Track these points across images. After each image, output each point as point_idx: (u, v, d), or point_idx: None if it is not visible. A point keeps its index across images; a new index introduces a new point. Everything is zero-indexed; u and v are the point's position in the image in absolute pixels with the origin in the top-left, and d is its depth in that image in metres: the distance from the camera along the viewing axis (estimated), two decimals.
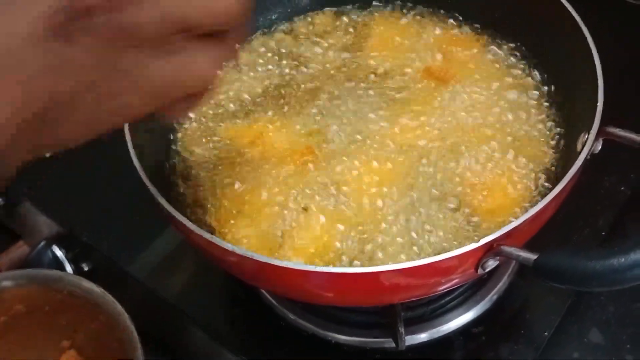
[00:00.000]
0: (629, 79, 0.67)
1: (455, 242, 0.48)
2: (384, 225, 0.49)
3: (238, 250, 0.42)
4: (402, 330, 0.52)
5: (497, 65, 0.59)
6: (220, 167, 0.55)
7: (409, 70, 0.59)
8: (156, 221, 0.62)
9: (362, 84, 0.58)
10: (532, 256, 0.40)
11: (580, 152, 0.46)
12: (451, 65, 0.59)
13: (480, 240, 0.42)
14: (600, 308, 0.57)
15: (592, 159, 0.46)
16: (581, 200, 0.57)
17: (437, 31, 0.62)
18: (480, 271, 0.44)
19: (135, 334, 0.55)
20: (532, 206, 0.45)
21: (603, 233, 0.60)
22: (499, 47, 0.60)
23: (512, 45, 0.60)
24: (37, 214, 0.69)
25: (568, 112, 0.54)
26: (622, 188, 0.62)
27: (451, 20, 0.63)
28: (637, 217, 0.60)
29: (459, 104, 0.56)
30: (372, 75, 0.59)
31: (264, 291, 0.58)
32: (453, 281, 0.46)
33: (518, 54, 0.60)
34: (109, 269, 0.64)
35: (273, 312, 0.58)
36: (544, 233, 0.47)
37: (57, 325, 0.62)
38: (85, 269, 0.67)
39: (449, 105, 0.56)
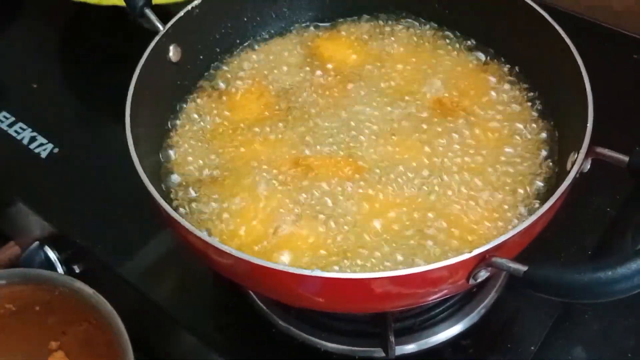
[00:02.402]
0: (618, 99, 0.69)
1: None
2: (376, 251, 0.50)
3: (233, 252, 0.43)
4: (392, 339, 0.53)
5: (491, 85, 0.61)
6: (217, 171, 0.55)
7: (417, 97, 0.60)
8: (149, 224, 0.63)
9: (367, 104, 0.59)
10: (523, 268, 0.41)
11: (569, 171, 0.47)
12: (460, 97, 0.60)
13: (473, 251, 0.43)
14: (584, 325, 0.58)
15: (580, 178, 0.48)
16: (569, 219, 0.59)
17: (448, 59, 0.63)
18: (471, 282, 0.45)
19: (126, 335, 0.55)
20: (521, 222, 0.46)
21: (589, 252, 0.61)
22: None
23: (507, 67, 0.62)
24: (29, 214, 0.69)
25: (559, 131, 0.56)
26: (608, 209, 0.63)
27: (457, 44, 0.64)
28: (622, 237, 0.61)
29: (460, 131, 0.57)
30: (378, 98, 0.60)
31: (254, 297, 0.59)
32: (444, 291, 0.47)
33: (510, 72, 0.61)
34: (100, 271, 0.65)
35: (263, 319, 0.58)
36: (533, 250, 0.48)
37: (47, 326, 0.62)
38: (77, 270, 0.67)
39: (448, 131, 0.57)
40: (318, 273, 0.43)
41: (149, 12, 0.58)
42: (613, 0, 0.79)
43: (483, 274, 0.44)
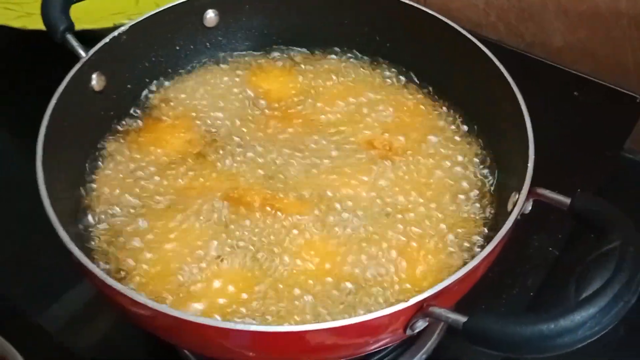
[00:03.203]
0: (560, 138, 0.68)
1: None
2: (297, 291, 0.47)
3: (150, 303, 0.39)
4: None
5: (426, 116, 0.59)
6: (136, 210, 0.52)
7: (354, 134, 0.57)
8: (70, 270, 0.58)
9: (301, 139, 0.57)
10: (462, 319, 0.39)
11: (510, 212, 0.45)
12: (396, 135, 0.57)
13: (410, 300, 0.40)
14: None
15: (522, 218, 0.46)
16: (511, 259, 0.57)
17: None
18: (409, 332, 0.42)
19: None
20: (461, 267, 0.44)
21: (531, 293, 0.59)
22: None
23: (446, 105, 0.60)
24: None
25: (501, 172, 0.54)
26: (550, 249, 0.62)
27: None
28: (564, 279, 0.60)
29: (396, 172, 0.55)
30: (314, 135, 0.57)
31: (188, 353, 0.55)
32: (381, 342, 0.44)
33: (449, 111, 0.60)
34: (15, 319, 0.59)
35: None
36: (474, 291, 0.46)
37: None
38: None
39: (385, 172, 0.55)
40: (248, 327, 0.39)
41: (70, 38, 0.54)
42: (554, 37, 0.80)
43: (421, 324, 0.42)
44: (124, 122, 0.58)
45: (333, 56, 0.64)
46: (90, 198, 0.53)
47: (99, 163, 0.55)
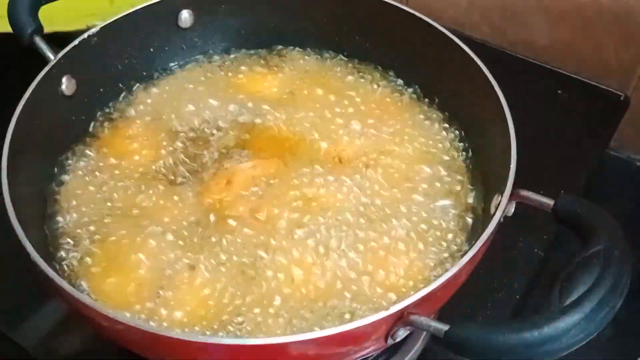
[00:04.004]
0: (544, 138, 0.67)
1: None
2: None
3: (119, 316, 0.38)
4: None
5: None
6: (106, 220, 0.50)
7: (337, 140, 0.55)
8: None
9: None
10: (444, 327, 0.38)
11: (493, 215, 0.44)
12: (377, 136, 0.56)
13: (390, 309, 0.39)
14: None
15: (506, 219, 0.45)
16: (495, 262, 0.56)
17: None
18: (390, 341, 0.41)
19: None
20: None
21: (517, 296, 0.58)
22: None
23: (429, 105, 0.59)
24: None
25: (483, 174, 0.53)
26: (536, 250, 0.61)
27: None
28: (548, 281, 0.59)
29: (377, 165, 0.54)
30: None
31: None
32: (364, 351, 0.43)
33: (432, 111, 0.58)
34: None
35: None
36: (458, 296, 0.45)
37: None
38: None
39: (363, 177, 0.53)
40: (227, 340, 0.38)
41: (38, 40, 0.52)
42: (537, 36, 0.79)
43: (402, 333, 0.40)
44: (94, 128, 0.56)
45: (312, 56, 0.62)
46: (58, 207, 0.51)
47: (68, 170, 0.53)
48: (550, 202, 0.44)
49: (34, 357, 0.54)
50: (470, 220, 0.51)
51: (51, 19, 0.55)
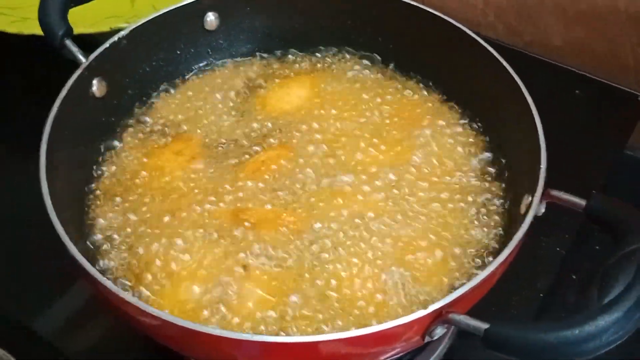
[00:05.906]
0: (566, 138, 0.68)
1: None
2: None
3: (164, 315, 0.38)
4: None
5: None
6: (146, 219, 0.50)
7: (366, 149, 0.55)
8: (64, 273, 0.56)
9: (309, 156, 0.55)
10: (483, 325, 0.38)
11: (525, 215, 0.45)
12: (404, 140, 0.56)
13: (429, 307, 0.39)
14: None
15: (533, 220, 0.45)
16: (519, 262, 0.56)
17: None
18: (427, 339, 0.41)
19: None
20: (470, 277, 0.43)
21: (541, 295, 0.59)
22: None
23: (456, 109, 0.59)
24: None
25: (511, 174, 0.53)
26: (558, 249, 0.62)
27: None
28: (573, 279, 0.60)
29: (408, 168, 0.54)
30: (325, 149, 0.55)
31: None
32: (397, 349, 0.44)
33: (460, 115, 0.59)
34: (9, 325, 0.57)
35: None
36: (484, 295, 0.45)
37: None
38: None
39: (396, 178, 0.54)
40: (260, 338, 0.38)
41: (69, 43, 0.53)
42: (553, 36, 0.79)
43: (439, 331, 0.41)
44: (124, 130, 0.57)
45: (335, 58, 0.63)
46: (94, 207, 0.51)
47: (101, 171, 0.54)
48: (582, 201, 0.44)
49: (54, 347, 0.55)
50: (497, 220, 0.52)
51: (74, 21, 0.56)
